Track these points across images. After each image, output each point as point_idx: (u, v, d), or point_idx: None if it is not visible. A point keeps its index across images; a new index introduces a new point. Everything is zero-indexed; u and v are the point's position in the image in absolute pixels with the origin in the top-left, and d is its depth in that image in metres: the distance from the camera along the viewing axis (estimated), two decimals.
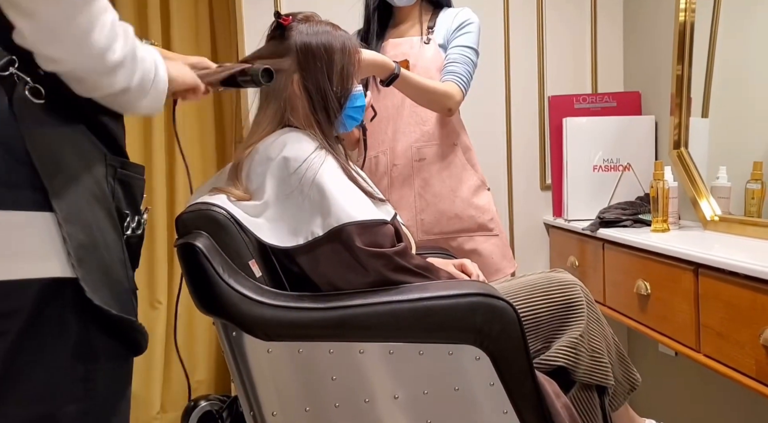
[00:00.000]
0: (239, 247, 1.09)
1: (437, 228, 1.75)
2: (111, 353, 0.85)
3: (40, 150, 0.76)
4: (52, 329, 0.79)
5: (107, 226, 0.84)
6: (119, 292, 0.85)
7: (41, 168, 0.76)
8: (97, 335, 0.82)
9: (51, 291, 0.77)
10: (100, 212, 0.83)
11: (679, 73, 1.86)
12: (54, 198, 0.76)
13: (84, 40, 0.73)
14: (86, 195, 0.81)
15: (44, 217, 0.77)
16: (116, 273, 0.85)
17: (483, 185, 1.81)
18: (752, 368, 1.18)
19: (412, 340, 1.08)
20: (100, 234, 0.82)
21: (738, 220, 1.61)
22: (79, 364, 0.81)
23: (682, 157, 1.86)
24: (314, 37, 1.21)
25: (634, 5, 2.28)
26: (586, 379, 1.25)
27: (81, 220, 0.80)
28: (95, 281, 0.80)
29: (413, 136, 1.77)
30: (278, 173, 1.12)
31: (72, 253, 0.77)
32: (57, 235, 0.77)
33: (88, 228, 0.80)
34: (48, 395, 0.79)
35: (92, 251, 0.80)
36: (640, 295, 1.59)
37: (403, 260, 1.11)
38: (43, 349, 0.79)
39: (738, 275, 1.21)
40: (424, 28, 1.80)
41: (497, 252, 1.76)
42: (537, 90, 2.33)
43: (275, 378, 1.08)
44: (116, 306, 0.82)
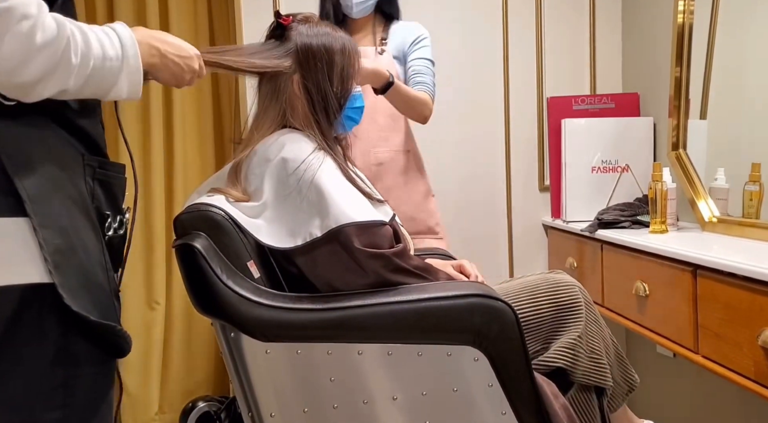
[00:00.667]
0: (237, 248, 1.09)
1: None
2: (92, 358, 0.83)
3: (12, 154, 0.75)
4: (31, 336, 0.77)
5: (86, 228, 0.83)
6: (99, 296, 0.83)
7: (14, 172, 0.74)
8: (77, 340, 0.81)
9: (29, 297, 0.76)
10: (77, 215, 0.82)
11: (678, 74, 1.86)
12: (28, 203, 0.75)
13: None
14: (62, 198, 0.80)
15: (17, 223, 0.75)
16: (96, 277, 0.83)
17: (430, 191, 1.92)
18: (750, 369, 1.19)
19: (411, 341, 1.08)
20: (77, 237, 0.80)
21: (736, 222, 1.62)
22: (59, 370, 0.79)
23: (681, 159, 1.86)
24: (314, 38, 1.21)
25: (632, 7, 2.28)
26: (584, 380, 1.25)
27: (57, 224, 0.78)
28: (74, 287, 0.78)
29: (371, 141, 1.83)
30: (277, 174, 1.12)
31: (48, 259, 0.75)
32: (33, 240, 0.75)
33: (64, 232, 0.78)
34: (27, 403, 0.78)
35: (70, 256, 0.79)
36: (639, 296, 1.59)
37: (401, 261, 1.11)
38: (21, 356, 0.77)
39: (736, 276, 1.21)
40: (378, 39, 1.86)
41: None
42: (536, 91, 2.33)
43: (273, 379, 1.08)
44: (96, 312, 0.80)
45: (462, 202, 2.31)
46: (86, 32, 0.78)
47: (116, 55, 0.81)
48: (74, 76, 0.76)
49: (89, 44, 0.78)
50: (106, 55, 0.80)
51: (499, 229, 2.35)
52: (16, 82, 0.73)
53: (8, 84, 0.73)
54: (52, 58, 0.73)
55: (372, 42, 1.87)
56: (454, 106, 2.30)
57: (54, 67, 0.74)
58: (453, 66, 2.29)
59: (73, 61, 0.76)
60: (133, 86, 0.84)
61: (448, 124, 2.30)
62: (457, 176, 2.32)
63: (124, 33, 0.83)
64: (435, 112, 2.26)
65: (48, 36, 0.72)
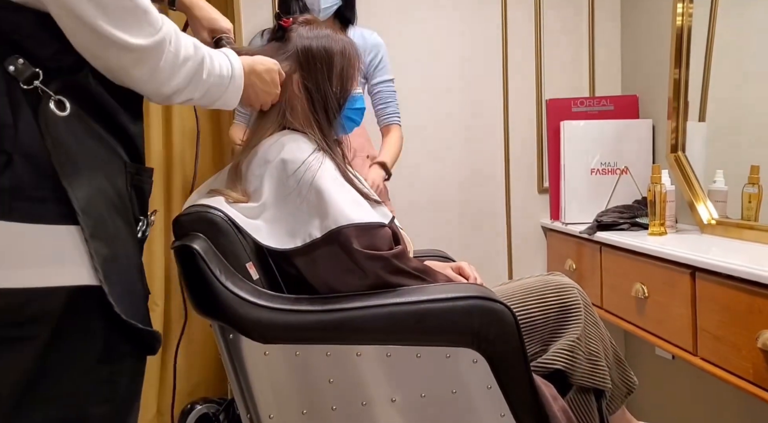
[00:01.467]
0: (236, 249, 1.09)
1: None
2: (131, 355, 0.88)
3: (64, 164, 0.78)
4: (80, 334, 0.81)
5: (127, 235, 0.87)
6: (138, 302, 0.88)
7: (66, 182, 0.77)
8: (119, 340, 0.85)
9: (79, 298, 0.79)
10: (120, 223, 0.85)
11: (677, 77, 1.86)
12: (80, 214, 0.78)
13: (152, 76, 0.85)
14: (109, 207, 0.83)
15: (69, 231, 0.78)
16: (134, 282, 0.88)
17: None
18: (749, 372, 1.19)
19: (410, 342, 1.07)
20: (121, 245, 0.85)
21: (735, 224, 1.62)
22: (105, 366, 0.84)
23: (680, 161, 1.87)
24: (315, 40, 1.21)
25: (631, 9, 2.29)
26: (583, 382, 1.25)
27: (105, 233, 0.81)
28: (119, 294, 0.82)
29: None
30: (276, 175, 1.12)
31: (99, 269, 0.79)
32: (83, 247, 0.79)
33: (110, 241, 0.82)
34: (77, 399, 0.82)
35: (114, 263, 0.82)
36: (638, 298, 1.59)
37: (400, 263, 1.11)
38: (72, 353, 0.81)
39: (735, 279, 1.21)
40: None
41: None
42: (535, 93, 2.33)
43: (272, 380, 1.07)
44: (137, 317, 0.85)
45: (461, 204, 2.32)
46: (212, 54, 0.96)
47: (227, 75, 0.99)
48: (200, 90, 0.93)
49: (213, 60, 0.95)
50: (221, 72, 0.97)
51: (498, 230, 2.35)
52: (163, 92, 0.88)
53: (156, 92, 0.87)
54: (190, 73, 0.89)
55: None
56: (453, 108, 2.30)
57: (189, 81, 0.90)
58: (452, 68, 2.29)
59: (203, 76, 0.92)
60: (230, 102, 1.03)
61: (448, 126, 2.30)
62: (457, 178, 2.32)
63: (236, 60, 1.03)
64: (435, 115, 2.28)
65: (188, 51, 0.89)
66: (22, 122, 0.75)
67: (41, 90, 0.77)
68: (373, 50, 1.91)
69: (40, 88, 0.77)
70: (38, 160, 0.76)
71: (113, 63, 0.81)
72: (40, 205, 0.76)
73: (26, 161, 0.75)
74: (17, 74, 0.76)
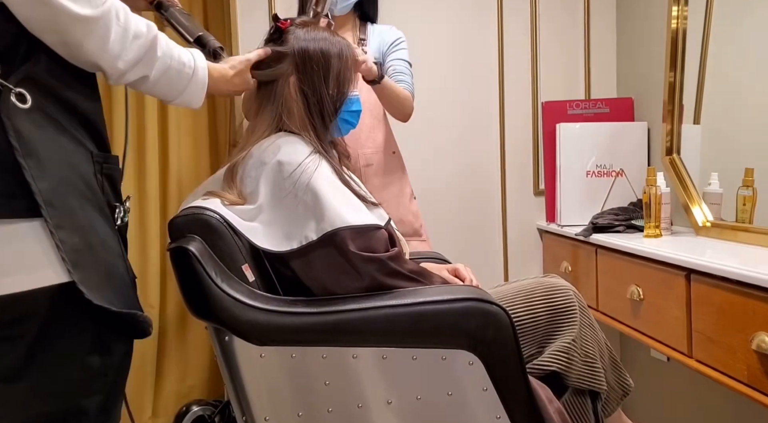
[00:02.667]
0: (232, 251, 1.09)
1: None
2: (120, 345, 0.89)
3: (28, 158, 0.77)
4: (68, 331, 0.82)
5: (101, 224, 0.86)
6: (121, 287, 0.88)
7: (29, 175, 0.77)
8: (108, 330, 0.86)
9: (57, 297, 0.79)
10: (92, 212, 0.85)
11: (672, 80, 1.87)
12: (43, 206, 0.77)
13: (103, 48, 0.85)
14: (77, 197, 0.82)
15: (33, 226, 0.78)
16: (116, 269, 0.88)
17: (413, 193, 1.94)
18: (743, 373, 1.19)
19: (406, 345, 1.07)
20: (95, 235, 0.84)
21: (730, 226, 1.62)
22: (96, 358, 0.85)
23: (675, 164, 1.87)
24: (312, 42, 1.21)
25: (627, 12, 2.29)
26: (578, 384, 1.25)
27: (73, 223, 0.80)
28: (95, 282, 0.81)
29: (362, 143, 1.84)
30: (272, 177, 1.12)
31: (66, 258, 0.78)
32: (49, 242, 0.78)
33: (81, 230, 0.81)
34: (72, 392, 0.83)
35: (88, 253, 0.82)
36: (633, 300, 1.59)
37: (396, 265, 1.11)
38: (62, 347, 0.82)
39: (730, 281, 1.22)
40: (357, 39, 1.87)
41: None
42: (530, 96, 2.34)
43: (268, 383, 1.07)
44: (118, 302, 0.85)
45: (457, 205, 2.32)
46: (169, 40, 0.96)
47: (189, 65, 1.00)
48: (155, 68, 0.93)
49: (169, 45, 0.96)
50: (181, 59, 0.98)
51: (493, 233, 2.35)
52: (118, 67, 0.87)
53: (110, 66, 0.87)
54: (142, 48, 0.89)
55: (352, 41, 1.87)
56: (449, 110, 2.30)
57: (142, 56, 0.90)
58: (448, 70, 2.30)
59: (158, 54, 0.93)
60: (196, 96, 1.04)
61: (443, 128, 2.30)
62: (452, 180, 2.32)
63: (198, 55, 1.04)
64: (430, 116, 2.28)
65: (139, 29, 0.89)
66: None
67: (1, 84, 0.76)
68: (393, 36, 1.86)
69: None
70: (2, 156, 0.75)
71: (66, 36, 0.81)
72: (8, 200, 0.76)
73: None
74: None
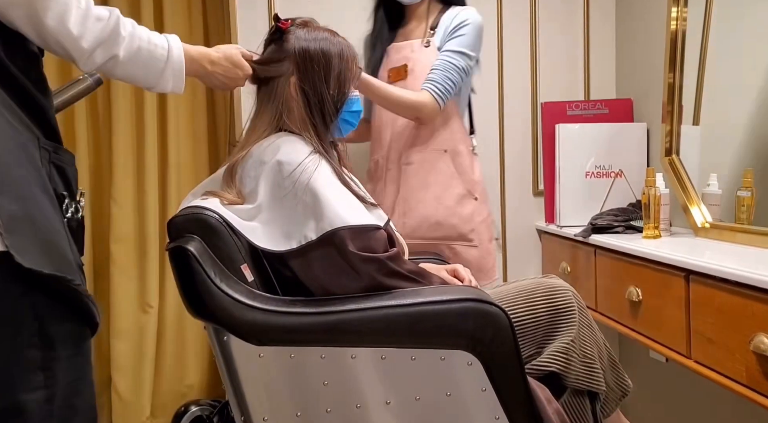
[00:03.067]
0: (231, 251, 1.09)
1: (418, 232, 1.76)
2: (66, 339, 0.85)
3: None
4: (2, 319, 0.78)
5: (46, 204, 0.84)
6: (61, 261, 0.83)
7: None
8: (50, 321, 0.82)
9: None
10: (37, 189, 0.83)
11: (671, 81, 1.87)
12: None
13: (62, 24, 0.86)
14: (20, 170, 0.81)
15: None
16: (58, 246, 0.84)
17: (469, 194, 1.80)
18: (742, 374, 1.19)
19: (405, 345, 1.07)
20: (37, 208, 0.81)
21: (728, 228, 1.62)
22: (35, 352, 0.81)
23: (674, 164, 1.87)
24: (313, 42, 1.21)
25: (626, 13, 2.30)
26: (577, 384, 1.25)
27: (15, 192, 0.78)
28: (30, 250, 0.78)
29: (404, 141, 1.79)
30: (272, 177, 1.12)
31: (2, 222, 0.75)
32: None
33: (22, 199, 0.79)
34: (7, 386, 0.79)
35: (27, 223, 0.79)
36: (632, 301, 1.59)
37: (395, 265, 1.11)
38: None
39: (728, 282, 1.22)
40: (428, 29, 1.78)
41: (473, 263, 1.74)
42: (530, 96, 2.33)
43: (266, 383, 1.07)
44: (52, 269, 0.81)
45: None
46: (135, 23, 0.97)
47: (162, 45, 1.01)
48: (123, 48, 0.94)
49: (136, 28, 0.97)
50: (151, 41, 0.99)
51: None
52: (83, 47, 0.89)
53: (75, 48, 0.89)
54: (106, 29, 0.91)
55: (423, 32, 1.79)
56: None
57: (107, 35, 0.91)
58: None
59: (122, 34, 0.94)
60: (176, 80, 1.03)
61: None
62: None
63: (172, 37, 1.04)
64: None
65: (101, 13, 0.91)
66: None
67: None
68: (455, 21, 1.74)
69: None
70: None
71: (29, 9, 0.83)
72: None
73: None
74: None
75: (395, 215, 1.78)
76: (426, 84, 1.70)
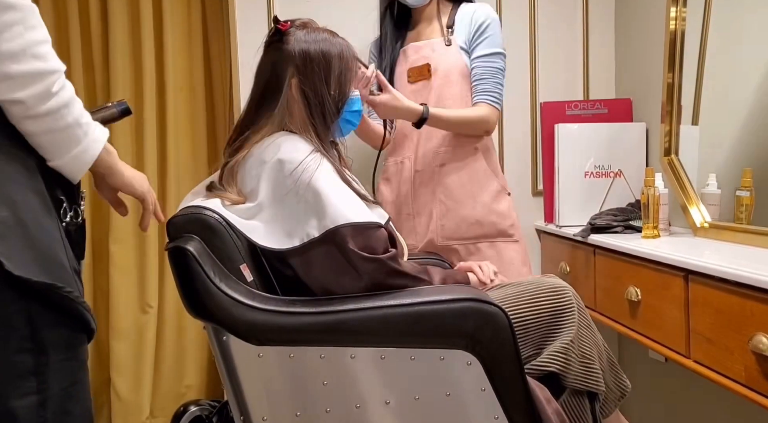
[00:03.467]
0: (230, 251, 1.09)
1: (458, 234, 1.74)
2: (61, 344, 0.83)
3: None
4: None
5: (40, 208, 0.81)
6: (56, 269, 0.81)
7: None
8: (43, 326, 0.80)
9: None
10: (29, 192, 0.80)
11: (670, 81, 1.87)
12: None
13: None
14: (12, 174, 0.78)
15: None
16: (52, 252, 0.81)
17: (503, 190, 1.81)
18: (741, 374, 1.19)
19: (404, 345, 1.08)
20: (30, 214, 0.79)
21: (727, 227, 1.62)
22: (26, 357, 0.79)
23: (673, 164, 1.87)
24: (313, 43, 1.21)
25: (625, 14, 2.30)
26: (576, 385, 1.26)
27: (5, 197, 0.76)
28: (22, 257, 0.76)
29: (436, 141, 1.76)
30: (273, 175, 1.12)
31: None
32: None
33: (13, 205, 0.77)
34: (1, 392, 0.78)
35: (18, 229, 0.77)
36: (631, 301, 1.59)
37: (396, 265, 1.11)
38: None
39: (727, 282, 1.22)
40: (444, 28, 1.77)
41: (517, 258, 1.76)
42: (529, 96, 2.34)
43: (266, 383, 1.07)
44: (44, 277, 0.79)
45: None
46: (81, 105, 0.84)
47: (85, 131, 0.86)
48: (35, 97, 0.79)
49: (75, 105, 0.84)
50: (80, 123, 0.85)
51: None
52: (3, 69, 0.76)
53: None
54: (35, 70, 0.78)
55: (438, 31, 1.77)
56: None
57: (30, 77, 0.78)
58: None
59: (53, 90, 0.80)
60: (78, 167, 0.88)
61: None
62: None
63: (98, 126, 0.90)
64: None
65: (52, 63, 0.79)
66: None
67: None
68: (478, 20, 1.73)
69: None
70: None
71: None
72: None
73: None
74: None
75: (434, 218, 1.75)
76: (481, 96, 1.72)
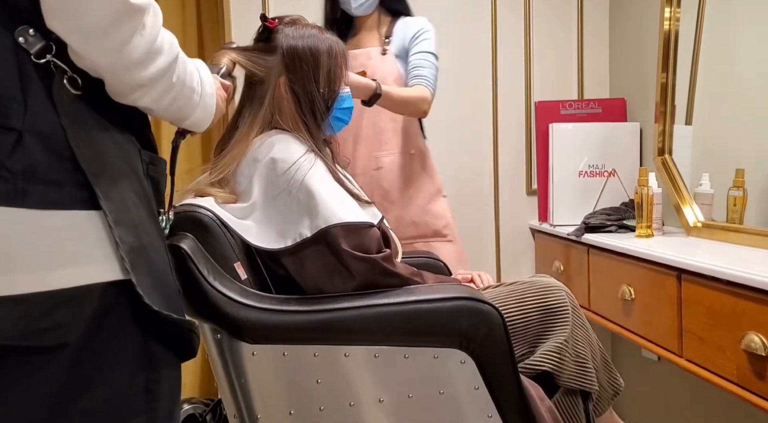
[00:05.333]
0: (224, 249, 1.08)
1: (395, 234, 1.77)
2: (169, 361, 0.81)
3: (83, 145, 0.70)
4: (113, 340, 0.74)
5: (151, 226, 0.79)
6: (170, 295, 0.80)
7: (86, 164, 0.69)
8: (155, 343, 0.78)
9: (110, 296, 0.72)
10: (143, 212, 0.78)
11: (664, 80, 1.88)
12: (102, 199, 0.70)
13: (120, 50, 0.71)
14: (131, 194, 0.76)
15: (91, 217, 0.70)
16: (165, 276, 0.80)
17: (438, 193, 1.88)
18: (733, 373, 1.20)
19: (398, 343, 1.08)
20: (146, 236, 0.77)
21: (720, 227, 1.63)
22: (141, 374, 0.76)
23: (666, 164, 1.88)
24: (300, 40, 1.21)
25: (619, 14, 2.30)
26: (570, 384, 1.26)
27: (130, 222, 0.74)
28: (148, 286, 0.74)
29: (371, 145, 1.81)
30: (266, 175, 1.11)
31: (125, 258, 0.71)
32: (106, 236, 0.71)
33: (136, 230, 0.75)
34: (114, 410, 0.75)
35: (141, 254, 0.75)
36: (624, 300, 1.60)
37: (389, 265, 1.11)
38: (104, 361, 0.73)
39: (720, 281, 1.23)
40: (382, 39, 1.83)
41: (451, 257, 1.79)
42: (524, 96, 2.34)
43: (260, 381, 1.07)
44: (170, 309, 0.77)
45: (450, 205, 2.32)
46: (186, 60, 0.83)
47: (198, 90, 0.88)
48: (164, 98, 0.80)
49: (186, 72, 0.83)
50: (192, 87, 0.86)
51: (486, 232, 2.36)
52: (127, 81, 0.74)
53: (118, 76, 0.74)
54: (160, 69, 0.76)
55: (377, 41, 1.83)
56: (442, 109, 2.30)
57: (156, 80, 0.77)
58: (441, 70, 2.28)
59: (173, 81, 0.80)
60: (201, 122, 0.93)
61: (436, 127, 2.30)
62: (445, 179, 2.31)
63: (206, 77, 0.91)
64: None
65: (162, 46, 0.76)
66: (32, 98, 0.67)
67: (54, 64, 0.69)
68: (415, 28, 1.79)
69: (52, 62, 0.69)
70: (53, 140, 0.68)
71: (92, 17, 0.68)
72: (57, 189, 0.68)
73: (39, 141, 0.66)
74: (28, 46, 0.67)
75: None
76: (417, 79, 1.75)
